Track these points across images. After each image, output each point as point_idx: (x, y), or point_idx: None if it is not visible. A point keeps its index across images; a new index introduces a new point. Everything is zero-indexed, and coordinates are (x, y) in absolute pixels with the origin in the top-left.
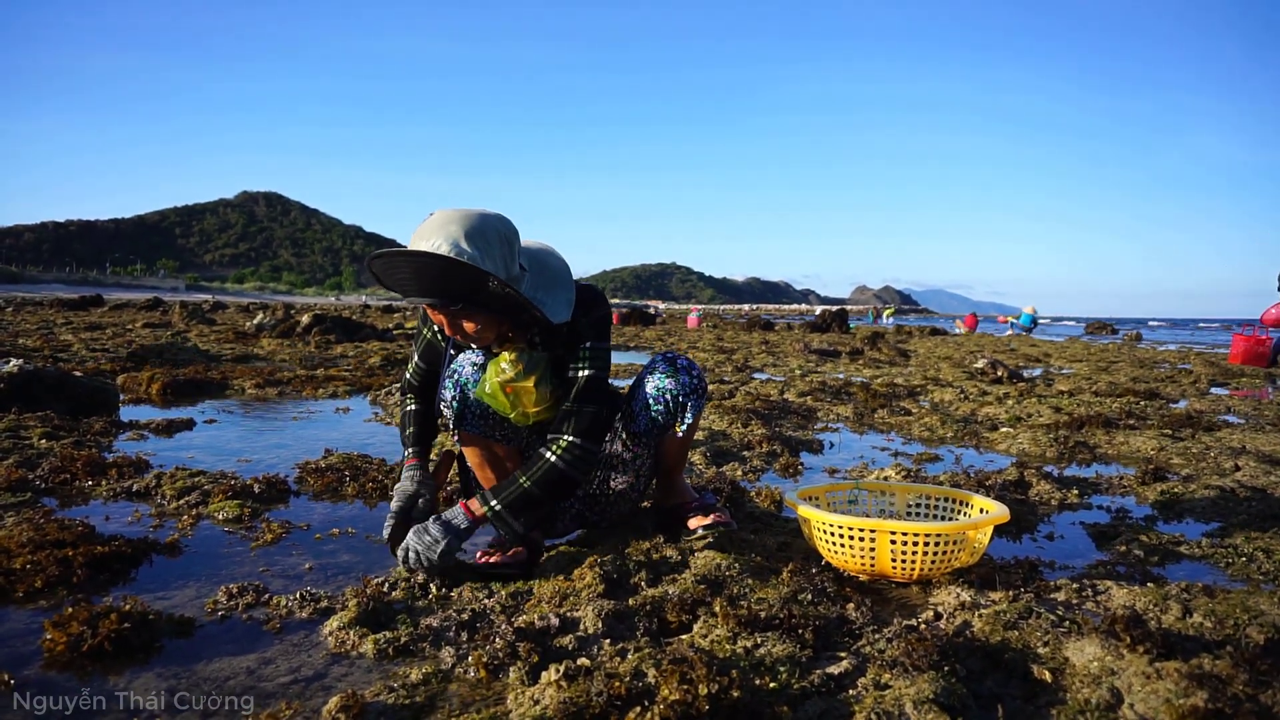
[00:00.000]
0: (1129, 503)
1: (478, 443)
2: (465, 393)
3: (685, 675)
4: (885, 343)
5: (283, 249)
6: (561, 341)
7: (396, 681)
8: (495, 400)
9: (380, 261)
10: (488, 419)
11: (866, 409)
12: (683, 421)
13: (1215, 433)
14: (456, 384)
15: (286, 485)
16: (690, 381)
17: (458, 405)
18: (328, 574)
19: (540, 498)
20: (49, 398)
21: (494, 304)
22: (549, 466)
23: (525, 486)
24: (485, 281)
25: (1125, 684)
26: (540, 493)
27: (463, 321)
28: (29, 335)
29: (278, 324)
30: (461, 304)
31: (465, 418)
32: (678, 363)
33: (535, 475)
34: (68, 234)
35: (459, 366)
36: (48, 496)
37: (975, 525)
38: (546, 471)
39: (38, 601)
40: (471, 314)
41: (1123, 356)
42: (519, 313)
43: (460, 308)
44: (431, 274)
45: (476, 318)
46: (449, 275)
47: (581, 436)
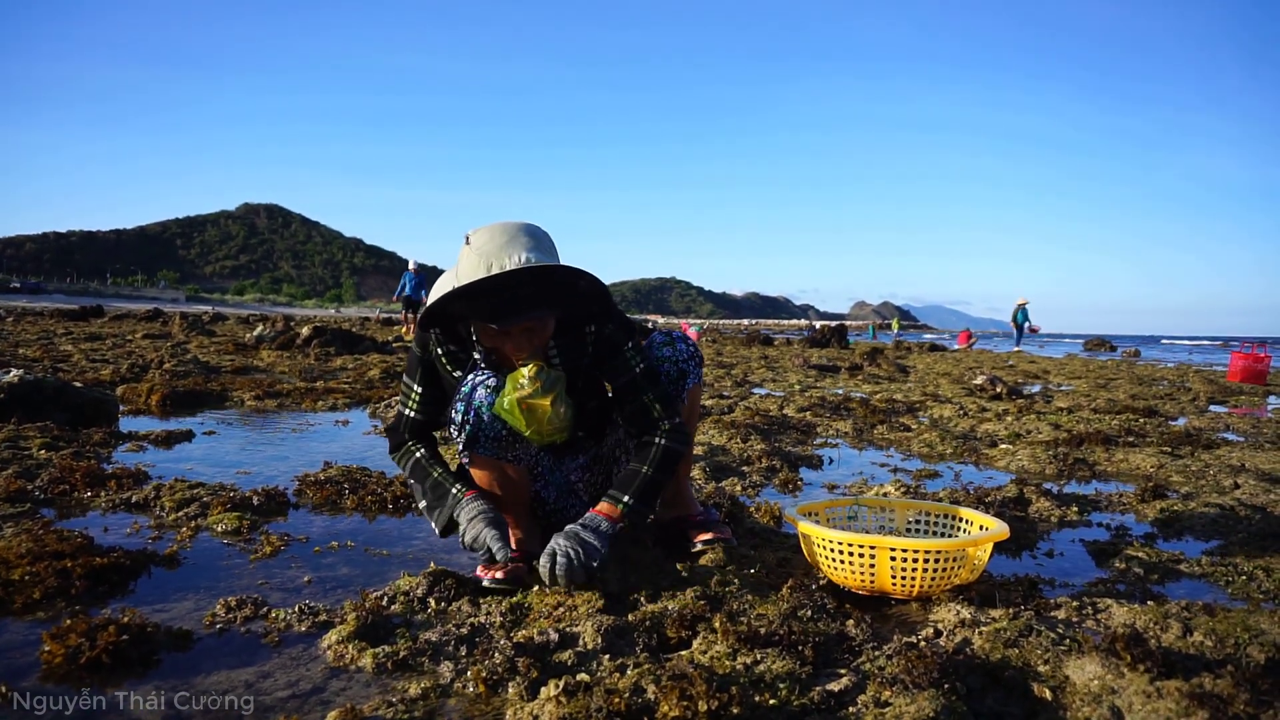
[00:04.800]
0: (1129, 520)
1: (489, 465)
2: (480, 415)
3: (685, 692)
4: (884, 358)
5: (283, 261)
6: (579, 354)
7: (395, 696)
8: (511, 416)
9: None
10: (500, 441)
11: (866, 425)
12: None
13: (1215, 450)
14: (470, 407)
15: (285, 497)
16: (687, 349)
17: (471, 428)
18: (326, 587)
19: (663, 481)
20: (49, 408)
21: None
22: (663, 449)
23: (648, 474)
24: (578, 281)
25: (1126, 703)
26: (663, 476)
27: (535, 336)
28: (29, 345)
29: (277, 336)
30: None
31: (479, 440)
32: (672, 334)
33: (653, 461)
34: (69, 244)
35: (469, 389)
36: (47, 507)
37: (975, 542)
38: (662, 455)
39: (36, 613)
40: (549, 320)
41: (1121, 373)
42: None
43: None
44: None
45: (549, 325)
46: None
47: (673, 417)
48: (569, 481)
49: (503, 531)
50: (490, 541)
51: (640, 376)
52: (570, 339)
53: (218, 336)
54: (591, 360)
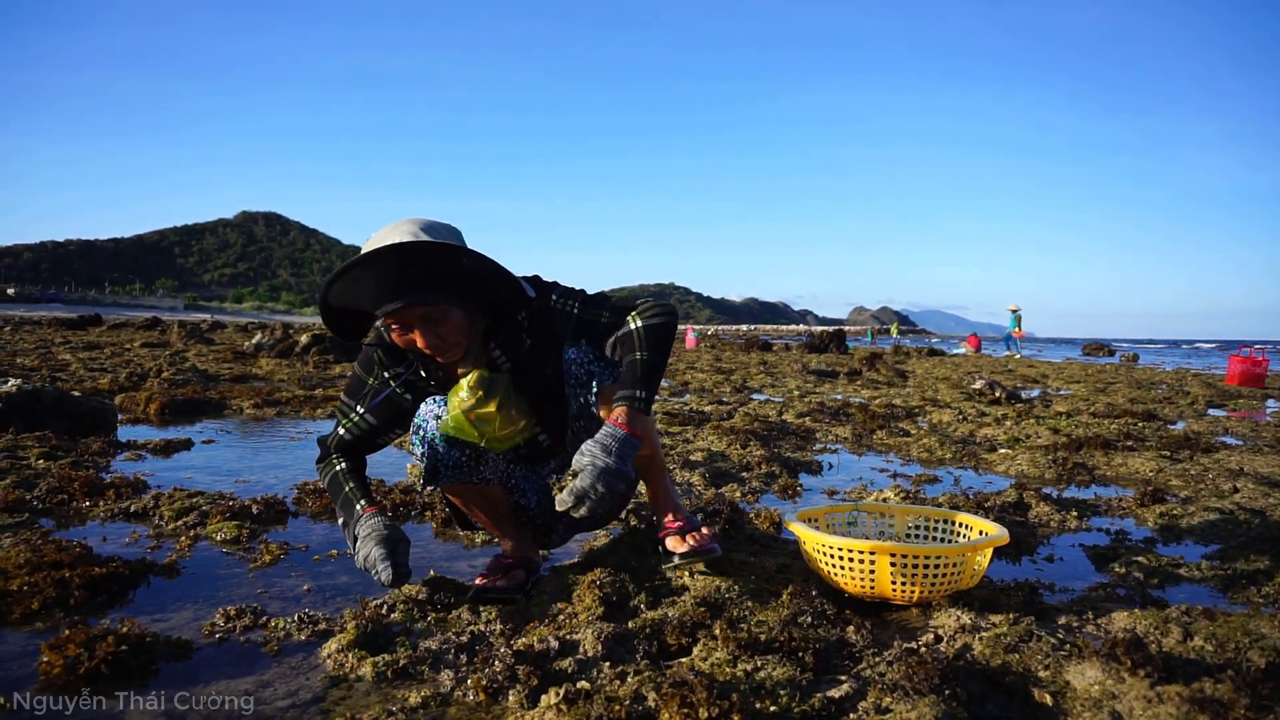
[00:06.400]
0: (1128, 525)
1: (461, 490)
2: (434, 448)
3: (686, 699)
4: (883, 363)
5: (281, 269)
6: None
7: (395, 705)
8: (462, 432)
9: (342, 282)
10: (461, 467)
11: (865, 430)
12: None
13: (1214, 454)
14: (425, 440)
15: (285, 506)
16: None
17: (429, 462)
18: (326, 596)
19: (660, 360)
20: (47, 417)
21: (471, 286)
22: (643, 328)
23: (644, 358)
24: (459, 259)
25: (1126, 708)
26: (658, 355)
27: (438, 326)
28: (27, 354)
29: (276, 344)
30: (440, 295)
31: (440, 472)
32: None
33: (639, 343)
34: (67, 253)
35: (422, 421)
36: (45, 517)
37: (975, 547)
38: (645, 333)
39: (34, 623)
40: (448, 310)
41: (1120, 378)
42: (495, 290)
43: (438, 300)
44: (401, 269)
45: (451, 316)
46: (420, 264)
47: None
48: (547, 485)
49: (391, 549)
50: (377, 562)
51: (581, 310)
52: (509, 335)
53: (216, 345)
54: (534, 344)
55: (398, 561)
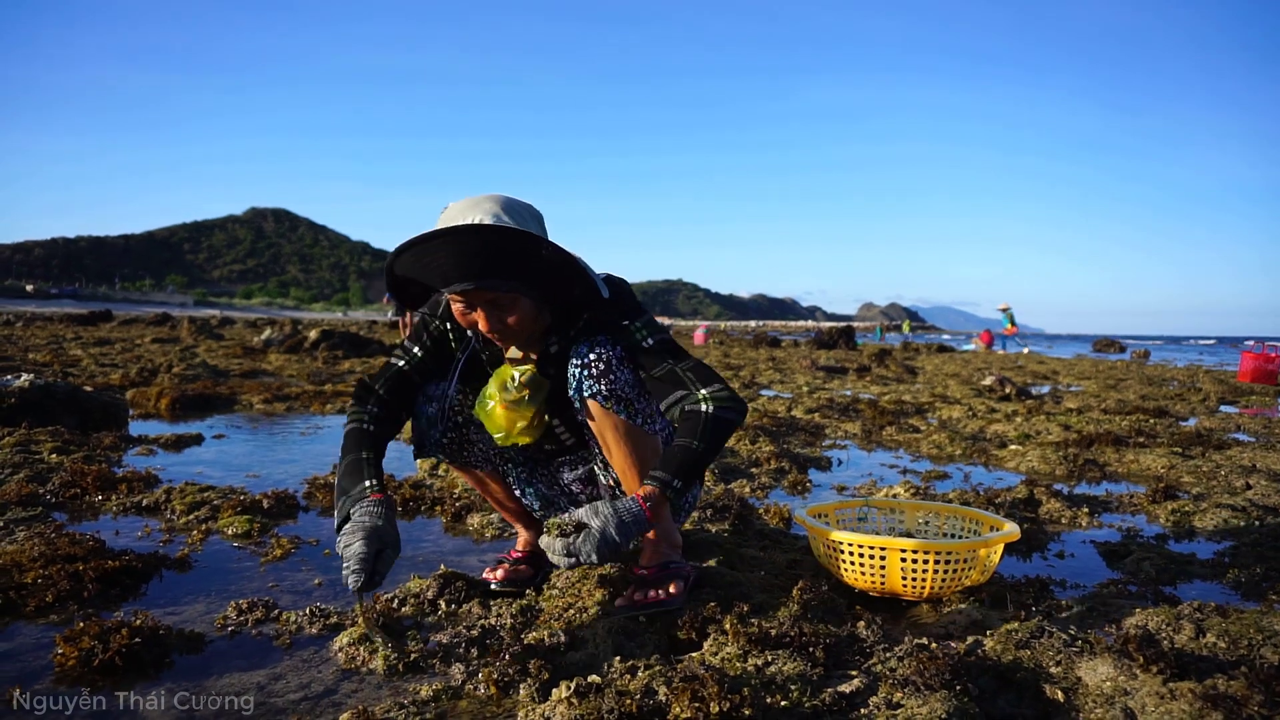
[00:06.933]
0: (1140, 521)
1: (460, 472)
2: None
3: (697, 693)
4: (893, 360)
5: (290, 265)
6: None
7: (407, 698)
8: (490, 420)
9: (413, 253)
10: (444, 447)
11: (874, 426)
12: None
13: (1226, 451)
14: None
15: (295, 500)
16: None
17: (416, 434)
18: (337, 590)
19: (712, 454)
20: (59, 412)
21: (546, 279)
22: (711, 418)
23: (696, 448)
24: (539, 249)
25: (1139, 704)
26: (712, 449)
27: (503, 313)
28: (39, 350)
29: (285, 339)
30: (513, 283)
31: (424, 446)
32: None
33: (702, 432)
34: (78, 250)
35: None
36: (58, 511)
37: (986, 543)
38: (712, 425)
39: (49, 616)
40: (518, 298)
41: (1131, 374)
42: (569, 286)
43: (510, 288)
44: (477, 250)
45: (519, 304)
46: (498, 248)
47: (713, 384)
48: (571, 492)
49: (375, 553)
50: (353, 560)
51: (656, 348)
52: (570, 334)
53: (226, 340)
54: None
55: (377, 569)
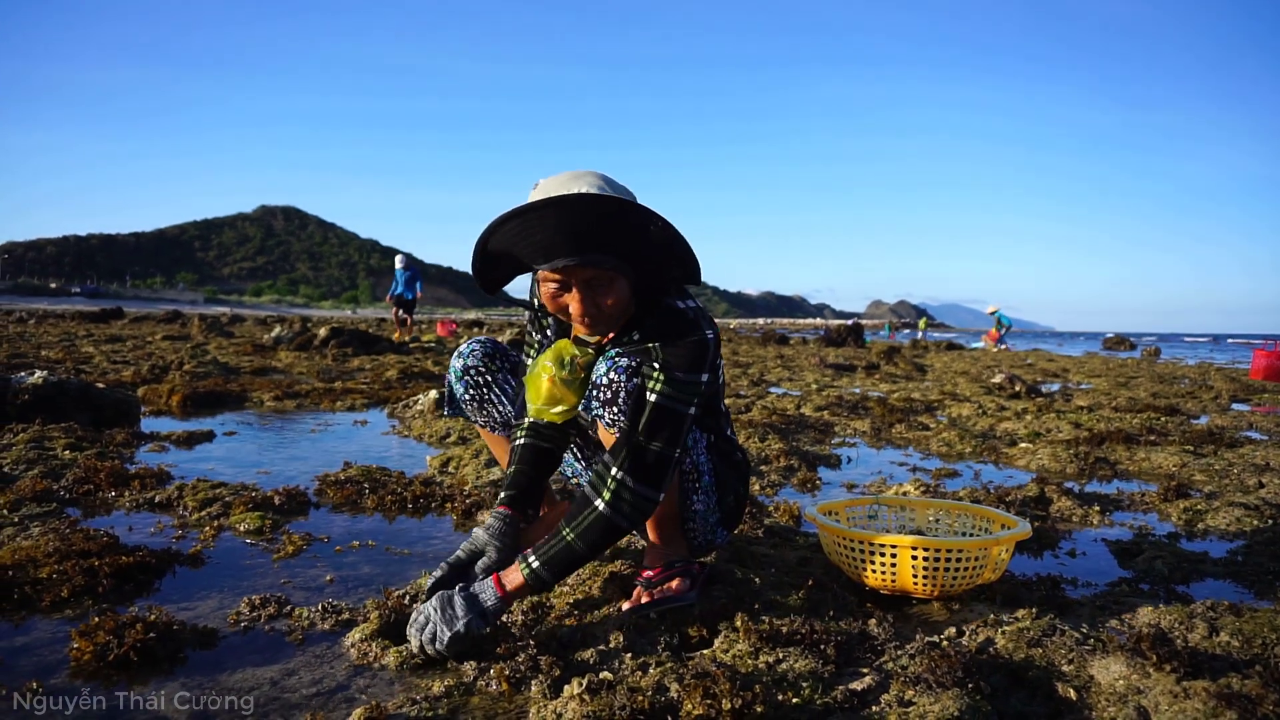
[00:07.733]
0: (1151, 519)
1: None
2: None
3: (709, 690)
4: (901, 357)
5: (300, 262)
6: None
7: (419, 694)
8: (533, 386)
9: (518, 223)
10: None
11: (884, 424)
12: None
13: (1238, 449)
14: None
15: (306, 497)
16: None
17: (448, 391)
18: (349, 586)
19: (585, 555)
20: (72, 409)
21: (649, 258)
22: (596, 518)
23: (569, 540)
24: (648, 224)
25: (1152, 703)
26: (586, 550)
27: (599, 295)
28: (51, 347)
29: (295, 337)
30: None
31: (453, 401)
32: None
33: (579, 526)
34: (89, 247)
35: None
36: (72, 507)
37: (997, 541)
38: (593, 524)
39: (64, 611)
40: (616, 278)
41: (1142, 372)
42: (670, 269)
43: (613, 266)
44: (587, 223)
45: (617, 286)
46: (612, 220)
47: (635, 477)
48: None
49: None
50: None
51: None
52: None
53: (236, 338)
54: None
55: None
